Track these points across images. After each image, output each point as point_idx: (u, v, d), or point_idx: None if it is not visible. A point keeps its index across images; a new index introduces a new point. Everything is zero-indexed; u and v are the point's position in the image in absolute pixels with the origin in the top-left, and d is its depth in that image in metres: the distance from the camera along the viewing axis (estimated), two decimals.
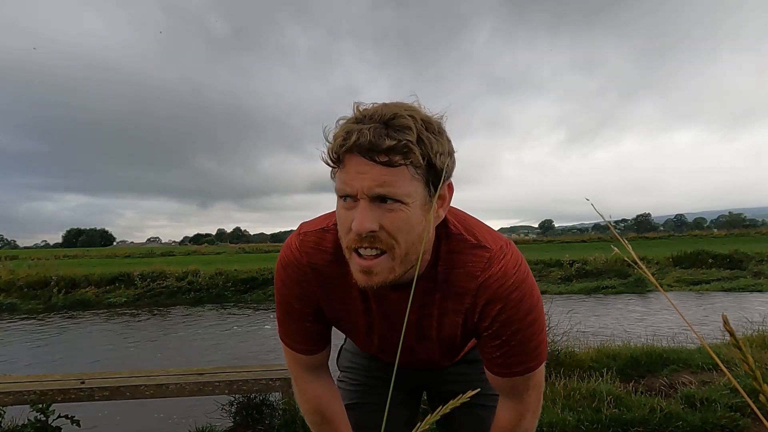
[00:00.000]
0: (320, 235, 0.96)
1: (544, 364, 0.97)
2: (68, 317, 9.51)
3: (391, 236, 0.79)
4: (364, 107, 0.79)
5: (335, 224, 0.95)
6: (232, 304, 10.92)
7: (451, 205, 0.91)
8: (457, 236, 0.91)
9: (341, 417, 1.11)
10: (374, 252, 0.80)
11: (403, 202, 0.77)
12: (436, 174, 0.79)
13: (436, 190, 0.80)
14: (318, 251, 0.95)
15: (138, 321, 9.02)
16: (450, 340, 0.98)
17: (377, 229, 0.77)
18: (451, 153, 0.81)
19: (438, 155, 0.78)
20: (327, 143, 0.80)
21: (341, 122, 0.80)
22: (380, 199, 0.77)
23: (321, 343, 1.06)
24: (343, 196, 0.80)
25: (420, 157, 0.76)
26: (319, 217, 1.02)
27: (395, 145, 0.74)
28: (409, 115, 0.76)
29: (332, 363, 1.17)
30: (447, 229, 0.92)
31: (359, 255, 0.81)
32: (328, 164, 0.80)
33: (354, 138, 0.74)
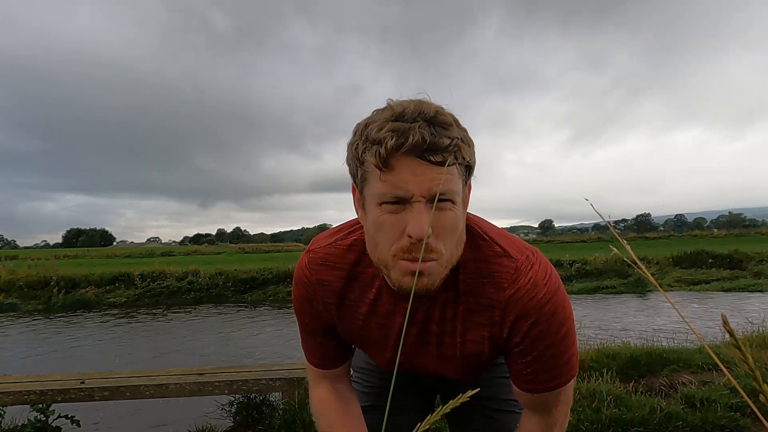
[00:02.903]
0: (328, 251, 0.92)
1: (574, 378, 0.91)
2: (68, 317, 9.51)
3: (441, 240, 0.75)
4: (398, 104, 0.75)
5: (343, 238, 0.92)
6: (231, 304, 10.93)
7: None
8: (479, 242, 0.86)
9: (353, 426, 1.03)
10: (424, 257, 0.75)
11: (453, 202, 0.75)
12: (469, 172, 0.78)
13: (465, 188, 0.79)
14: (326, 267, 0.92)
15: (138, 321, 9.02)
16: (475, 357, 0.91)
17: (431, 233, 0.74)
18: (475, 152, 0.80)
19: (473, 153, 0.77)
20: (369, 146, 0.74)
21: (374, 122, 0.74)
22: (432, 202, 0.73)
23: (337, 359, 1.03)
24: (391, 201, 0.74)
25: (465, 156, 0.74)
26: (328, 231, 0.98)
27: (449, 144, 0.71)
28: (446, 112, 0.74)
29: None
30: (468, 232, 0.86)
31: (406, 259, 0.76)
32: (379, 168, 0.73)
33: (411, 138, 0.70)
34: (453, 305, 0.87)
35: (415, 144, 0.70)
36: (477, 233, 0.87)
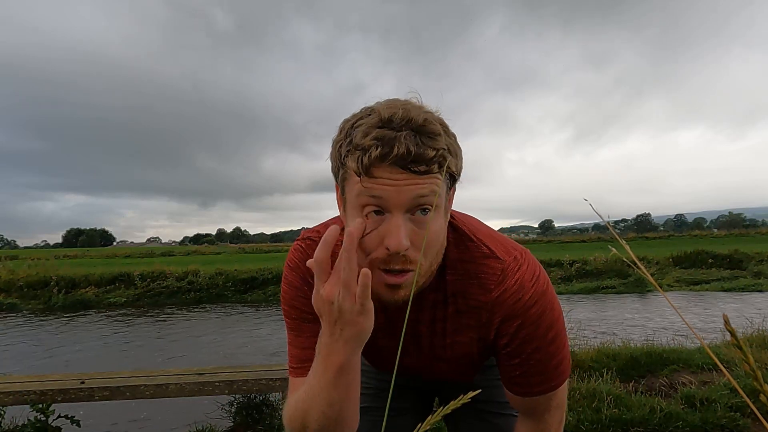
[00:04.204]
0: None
1: (566, 382, 0.90)
2: (68, 317, 9.51)
3: (419, 250, 0.73)
4: (386, 108, 0.72)
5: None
6: (231, 304, 10.93)
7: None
8: (466, 242, 0.85)
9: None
10: (401, 267, 0.74)
11: (432, 211, 0.73)
12: (453, 179, 0.77)
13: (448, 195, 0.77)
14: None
15: (138, 321, 9.02)
16: (465, 358, 0.91)
17: (409, 245, 0.72)
18: (461, 156, 0.78)
19: (459, 161, 0.75)
20: (352, 150, 0.71)
21: (360, 125, 0.72)
22: (411, 212, 0.72)
23: None
24: (372, 209, 0.72)
25: (452, 166, 0.73)
26: (320, 224, 0.97)
27: (434, 156, 0.69)
28: (434, 120, 0.72)
29: None
30: (455, 232, 0.86)
31: (384, 270, 0.75)
32: (359, 175, 0.71)
33: (397, 149, 0.68)
34: (442, 306, 0.86)
35: (399, 155, 0.68)
36: (465, 234, 0.86)
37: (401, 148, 0.68)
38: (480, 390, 0.46)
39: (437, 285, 0.85)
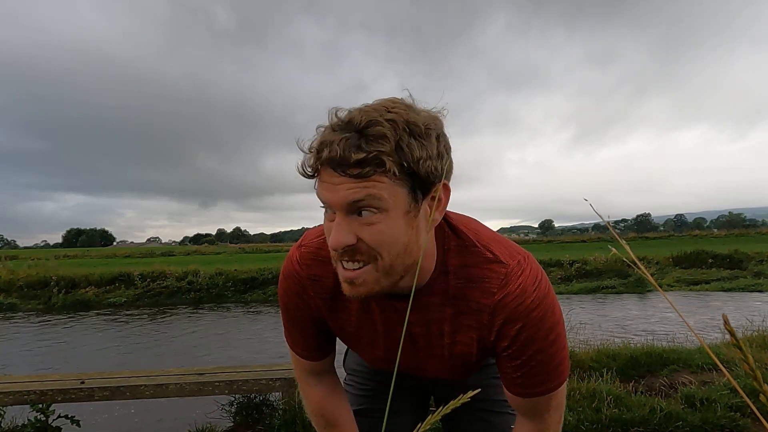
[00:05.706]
0: (319, 246, 0.94)
1: (566, 383, 0.92)
2: (68, 317, 9.51)
3: (373, 249, 0.75)
4: (343, 113, 0.74)
5: None
6: (231, 304, 10.93)
7: (449, 208, 0.85)
8: (470, 248, 0.87)
9: (347, 421, 1.08)
10: (356, 265, 0.77)
11: (380, 213, 0.73)
12: (421, 180, 0.74)
13: (424, 196, 0.76)
14: (317, 262, 0.93)
15: (138, 321, 9.02)
16: (464, 358, 0.92)
17: (354, 242, 0.74)
18: (441, 155, 0.75)
19: (421, 161, 0.72)
20: (304, 153, 0.77)
21: (320, 130, 0.76)
22: (356, 212, 0.74)
23: (324, 350, 1.05)
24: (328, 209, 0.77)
25: (396, 166, 0.70)
26: (320, 226, 0.97)
27: (365, 158, 0.69)
28: (388, 120, 0.70)
29: (338, 363, 1.16)
30: (459, 239, 0.87)
31: (343, 265, 0.79)
32: (304, 176, 0.76)
33: (325, 152, 0.71)
34: (440, 308, 0.88)
35: (329, 158, 0.71)
36: (469, 239, 0.87)
37: (332, 152, 0.71)
38: (479, 389, 0.46)
39: (437, 288, 0.86)
